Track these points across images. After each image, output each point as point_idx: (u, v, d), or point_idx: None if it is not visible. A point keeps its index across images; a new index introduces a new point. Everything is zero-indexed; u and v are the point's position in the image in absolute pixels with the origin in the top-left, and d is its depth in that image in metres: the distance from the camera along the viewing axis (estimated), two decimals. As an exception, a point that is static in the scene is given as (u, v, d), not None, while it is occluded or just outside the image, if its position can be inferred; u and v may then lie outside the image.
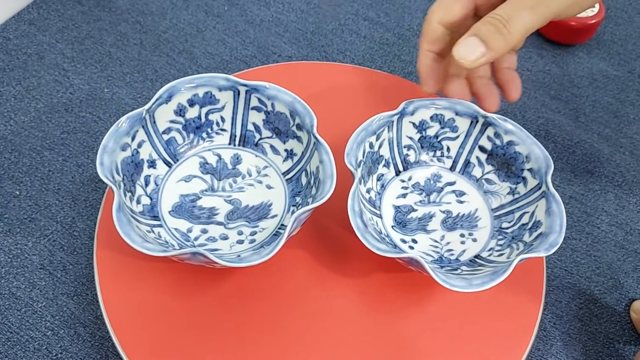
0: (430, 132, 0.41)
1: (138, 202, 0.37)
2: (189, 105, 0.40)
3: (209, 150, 0.42)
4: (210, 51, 0.57)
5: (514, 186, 0.40)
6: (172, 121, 0.40)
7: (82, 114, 0.52)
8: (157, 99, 0.37)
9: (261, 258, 0.32)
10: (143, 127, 0.38)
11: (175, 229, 0.38)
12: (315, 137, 0.37)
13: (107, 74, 0.54)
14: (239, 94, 0.40)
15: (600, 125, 0.56)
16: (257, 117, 0.41)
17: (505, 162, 0.40)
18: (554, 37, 0.60)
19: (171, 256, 0.32)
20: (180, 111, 0.39)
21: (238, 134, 0.42)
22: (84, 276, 0.43)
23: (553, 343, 0.43)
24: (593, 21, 0.59)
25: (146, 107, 0.37)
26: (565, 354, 0.43)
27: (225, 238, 0.38)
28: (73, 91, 0.53)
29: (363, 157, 0.38)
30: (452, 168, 0.42)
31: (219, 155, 0.42)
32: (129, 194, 0.36)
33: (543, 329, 0.44)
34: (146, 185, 0.38)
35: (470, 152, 0.41)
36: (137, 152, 0.38)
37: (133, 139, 0.37)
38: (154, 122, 0.38)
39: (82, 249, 0.44)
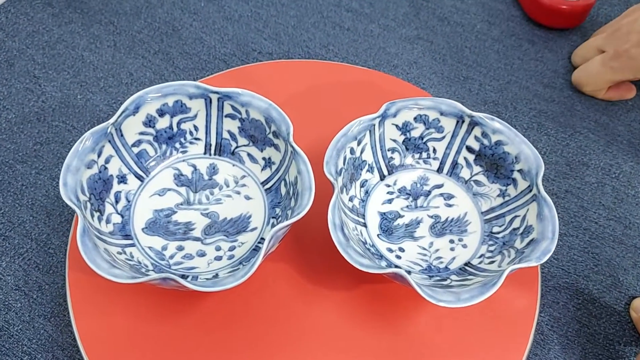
0: (415, 133, 0.39)
1: (108, 221, 0.35)
2: (159, 116, 0.37)
3: (184, 161, 0.40)
4: (188, 51, 0.55)
5: (504, 188, 0.38)
6: (141, 133, 0.38)
7: (55, 123, 0.49)
8: (123, 111, 0.35)
9: (236, 281, 0.30)
10: (110, 141, 0.36)
11: (149, 248, 0.36)
12: (292, 146, 0.35)
13: (80, 80, 0.52)
14: (210, 101, 0.38)
15: (597, 113, 0.53)
16: (232, 125, 0.39)
17: (494, 163, 0.38)
18: (546, 21, 0.58)
19: (141, 282, 0.30)
20: (149, 122, 0.37)
21: (213, 142, 0.40)
22: (60, 296, 0.41)
23: (551, 347, 0.41)
24: (586, 3, 0.56)
25: (111, 120, 0.35)
26: (563, 358, 0.41)
27: (203, 255, 0.36)
28: (45, 99, 0.51)
29: (344, 164, 0.36)
30: (439, 170, 0.40)
31: (194, 166, 0.40)
32: (97, 214, 0.35)
33: (540, 333, 0.42)
34: (117, 202, 0.37)
35: (458, 152, 0.39)
36: (105, 168, 0.36)
37: (99, 155, 0.35)
38: (122, 135, 0.36)
39: (57, 267, 0.42)
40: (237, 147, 0.39)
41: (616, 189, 0.49)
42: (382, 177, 0.40)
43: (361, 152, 0.38)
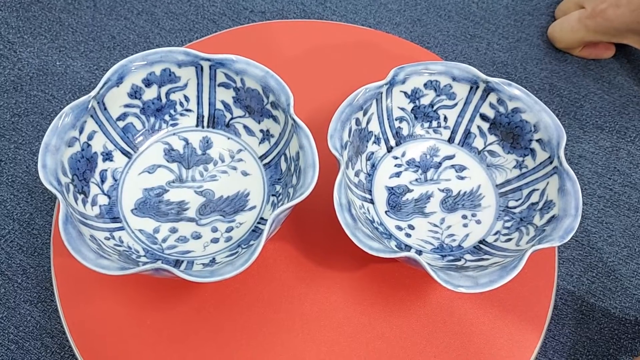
0: (425, 100, 0.36)
1: (94, 203, 0.32)
2: (145, 86, 0.34)
3: (174, 134, 0.36)
4: (174, 10, 0.51)
5: (520, 159, 0.35)
6: (127, 105, 0.34)
7: (34, 93, 0.46)
8: (105, 82, 0.32)
9: (235, 270, 0.28)
10: (92, 116, 0.32)
11: (140, 231, 0.33)
12: (293, 119, 0.32)
13: (59, 44, 0.48)
14: (202, 69, 0.34)
15: (611, 73, 0.50)
16: (226, 95, 0.35)
17: (511, 132, 0.35)
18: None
19: (132, 274, 0.27)
20: (135, 93, 0.34)
21: (206, 114, 0.36)
22: (47, 280, 0.39)
23: (565, 322, 0.40)
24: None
25: (93, 93, 0.31)
26: (578, 334, 0.39)
27: (198, 237, 0.34)
28: (21, 67, 0.47)
29: (349, 136, 0.33)
30: (450, 140, 0.37)
31: (185, 140, 0.37)
32: (81, 196, 0.32)
33: (554, 307, 0.40)
34: (102, 181, 0.34)
35: (471, 121, 0.37)
36: (88, 145, 0.33)
37: (81, 131, 0.32)
38: (105, 108, 0.33)
39: (42, 249, 0.40)
40: (232, 118, 0.36)
41: (632, 153, 0.46)
42: (390, 149, 0.37)
43: (367, 123, 0.35)
